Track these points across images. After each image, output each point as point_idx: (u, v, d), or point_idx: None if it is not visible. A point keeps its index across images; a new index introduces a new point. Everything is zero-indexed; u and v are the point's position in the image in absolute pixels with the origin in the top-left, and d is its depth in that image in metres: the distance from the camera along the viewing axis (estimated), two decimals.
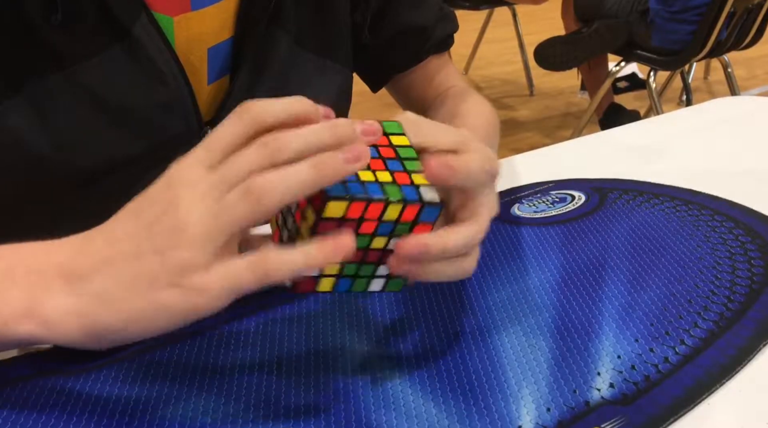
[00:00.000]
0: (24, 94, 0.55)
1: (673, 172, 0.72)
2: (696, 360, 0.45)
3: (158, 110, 0.59)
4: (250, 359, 0.47)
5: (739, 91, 2.80)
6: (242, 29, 0.62)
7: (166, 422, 0.41)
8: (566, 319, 0.50)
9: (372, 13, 0.72)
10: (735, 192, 0.66)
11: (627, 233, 0.60)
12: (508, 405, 0.42)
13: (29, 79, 0.54)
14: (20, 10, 0.53)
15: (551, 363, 0.45)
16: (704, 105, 0.96)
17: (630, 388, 0.43)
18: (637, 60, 2.48)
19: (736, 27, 2.32)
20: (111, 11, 0.55)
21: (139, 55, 0.56)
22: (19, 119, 0.55)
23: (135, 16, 0.56)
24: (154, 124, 0.59)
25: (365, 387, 0.44)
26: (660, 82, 2.83)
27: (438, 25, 0.75)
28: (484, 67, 3.75)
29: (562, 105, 3.33)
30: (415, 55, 0.76)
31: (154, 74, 0.57)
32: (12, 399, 0.43)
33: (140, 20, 0.56)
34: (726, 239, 0.58)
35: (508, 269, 0.56)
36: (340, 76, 0.71)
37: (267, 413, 0.42)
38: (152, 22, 0.56)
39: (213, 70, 0.62)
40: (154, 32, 0.56)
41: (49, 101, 0.55)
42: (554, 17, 2.83)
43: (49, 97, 0.55)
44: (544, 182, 0.71)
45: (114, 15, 0.55)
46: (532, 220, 0.63)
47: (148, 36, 0.56)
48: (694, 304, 0.51)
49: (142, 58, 0.57)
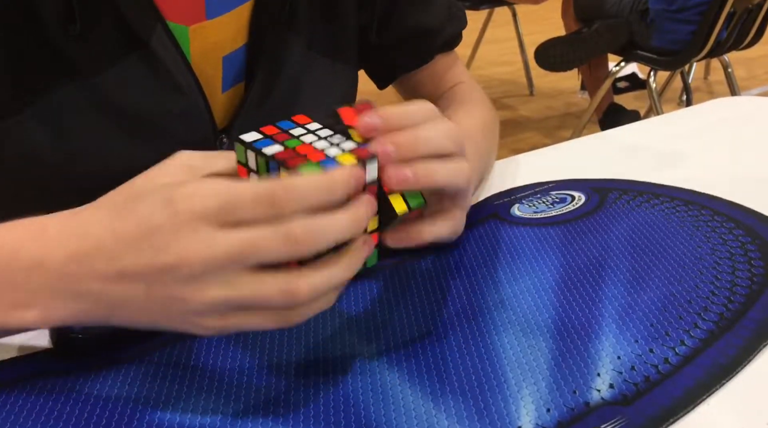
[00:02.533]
0: (40, 106, 0.55)
1: (673, 172, 0.72)
2: (696, 361, 0.45)
3: (174, 120, 0.59)
4: (249, 359, 0.47)
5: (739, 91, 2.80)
6: (256, 36, 0.62)
7: (165, 422, 0.41)
8: (566, 319, 0.50)
9: (378, 14, 0.72)
10: (735, 192, 0.66)
11: (627, 233, 0.60)
12: (508, 405, 0.42)
13: (46, 90, 0.54)
14: (38, 21, 0.53)
15: (551, 363, 0.45)
16: (704, 105, 0.96)
17: (630, 389, 0.43)
18: (637, 60, 2.48)
19: (736, 27, 2.32)
20: (128, 22, 0.55)
21: (154, 66, 0.57)
22: (35, 130, 0.55)
23: (151, 27, 0.55)
24: (170, 133, 0.59)
25: (365, 387, 0.44)
26: (660, 82, 2.83)
27: (446, 25, 0.75)
28: (484, 67, 3.75)
29: (562, 105, 3.34)
30: (422, 55, 0.76)
31: (170, 84, 0.58)
32: (12, 399, 0.43)
33: (156, 31, 0.56)
34: (726, 240, 0.58)
35: (507, 269, 0.56)
36: (347, 77, 0.72)
37: (266, 413, 0.42)
38: (168, 32, 0.56)
39: (227, 78, 0.62)
40: (169, 43, 0.56)
41: (65, 112, 0.55)
42: (554, 17, 2.83)
43: (66, 108, 0.55)
44: (544, 182, 0.71)
45: (130, 26, 0.55)
46: (532, 220, 0.63)
47: (163, 47, 0.56)
48: (694, 305, 0.51)
49: (157, 68, 0.57)
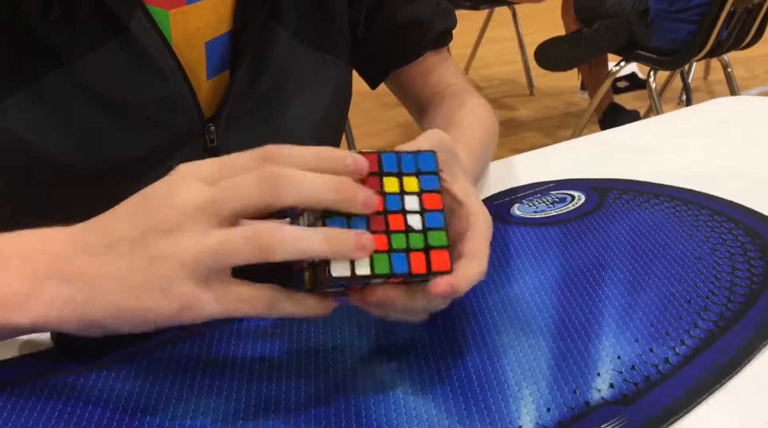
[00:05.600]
0: (23, 93, 0.55)
1: (673, 172, 0.72)
2: (696, 361, 0.45)
3: (159, 106, 0.59)
4: (250, 359, 0.47)
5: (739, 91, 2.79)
6: (240, 23, 0.62)
7: (166, 422, 0.41)
8: (566, 319, 0.50)
9: (368, 8, 0.72)
10: (735, 192, 0.66)
11: (627, 233, 0.60)
12: (508, 405, 0.42)
13: (28, 78, 0.55)
14: (17, 8, 0.53)
15: (551, 363, 0.45)
16: (704, 105, 0.96)
17: (630, 388, 0.43)
18: (637, 60, 2.48)
19: (736, 27, 2.32)
20: (106, 6, 0.55)
21: (136, 50, 0.57)
22: (19, 118, 0.55)
23: (131, 10, 0.56)
24: (156, 121, 0.59)
25: (365, 387, 0.44)
26: (660, 82, 2.83)
27: (435, 20, 0.75)
28: (484, 67, 3.75)
29: (562, 105, 3.33)
30: (412, 50, 0.76)
31: (152, 69, 0.58)
32: (12, 399, 0.43)
33: (136, 14, 0.56)
34: (726, 240, 0.58)
35: (508, 269, 0.56)
36: (339, 72, 0.71)
37: (267, 413, 0.42)
38: (147, 15, 0.56)
39: (212, 64, 0.62)
40: (149, 26, 0.56)
41: (48, 99, 0.55)
42: (554, 17, 2.82)
43: (49, 94, 0.55)
44: (544, 182, 0.71)
45: (110, 10, 0.55)
46: (532, 220, 0.63)
47: (144, 30, 0.56)
48: (694, 304, 0.51)
49: (139, 52, 0.57)
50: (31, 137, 0.55)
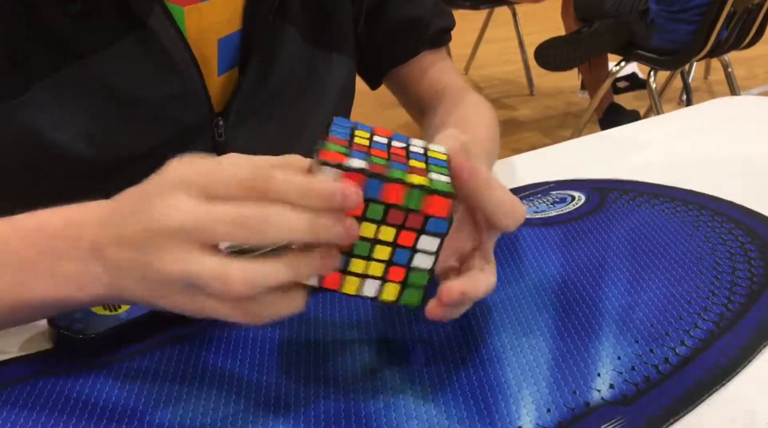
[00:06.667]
0: (39, 87, 0.55)
1: (672, 172, 0.72)
2: (696, 361, 0.45)
3: (172, 101, 0.60)
4: (249, 359, 0.47)
5: (739, 91, 2.80)
6: (249, 22, 0.63)
7: (165, 422, 0.41)
8: (566, 320, 0.50)
9: (368, 6, 0.73)
10: (735, 192, 0.66)
11: (627, 233, 0.60)
12: (508, 405, 0.42)
13: (44, 72, 0.55)
14: (35, 2, 0.53)
15: (551, 363, 0.45)
16: (704, 105, 0.96)
17: (630, 389, 0.43)
18: (637, 60, 2.48)
19: (737, 27, 2.32)
20: (126, 1, 0.55)
21: (152, 45, 0.57)
22: (35, 112, 0.55)
23: (149, 5, 0.56)
24: (168, 115, 0.60)
25: (365, 388, 0.44)
26: (660, 82, 2.83)
27: (433, 19, 0.76)
28: (484, 67, 3.75)
29: (562, 105, 3.33)
30: (410, 48, 0.76)
31: (168, 64, 0.58)
32: (12, 399, 0.43)
33: (154, 10, 0.57)
34: (726, 240, 0.58)
35: (507, 269, 0.56)
36: (345, 69, 0.72)
37: (267, 413, 0.42)
38: (166, 11, 0.57)
39: (223, 61, 0.63)
40: (167, 22, 0.57)
41: (64, 93, 0.56)
42: (554, 17, 2.83)
43: (64, 89, 0.56)
44: (544, 182, 0.71)
45: (129, 5, 0.56)
46: (532, 220, 0.63)
47: (161, 26, 0.57)
48: (694, 305, 0.51)
49: (155, 48, 0.57)
50: (46, 131, 0.56)
